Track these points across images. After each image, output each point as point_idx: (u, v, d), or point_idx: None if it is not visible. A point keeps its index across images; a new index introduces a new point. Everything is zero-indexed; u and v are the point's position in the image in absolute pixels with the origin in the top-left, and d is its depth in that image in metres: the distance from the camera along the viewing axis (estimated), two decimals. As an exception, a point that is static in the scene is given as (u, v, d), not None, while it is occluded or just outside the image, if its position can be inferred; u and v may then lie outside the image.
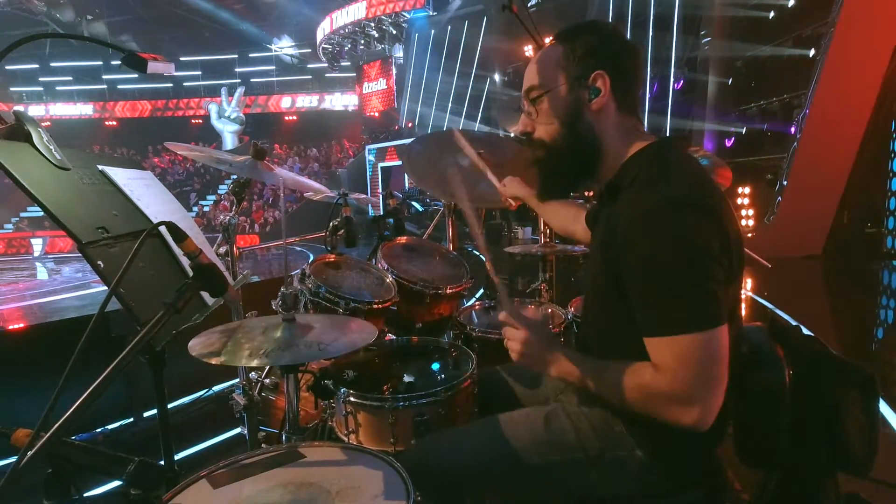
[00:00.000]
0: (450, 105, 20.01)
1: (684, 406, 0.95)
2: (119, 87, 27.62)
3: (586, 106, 1.10)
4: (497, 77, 18.40)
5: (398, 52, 23.39)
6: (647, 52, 12.24)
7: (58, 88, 27.37)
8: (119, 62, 1.38)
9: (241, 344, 1.25)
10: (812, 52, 8.69)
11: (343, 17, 22.20)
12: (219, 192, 22.79)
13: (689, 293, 0.94)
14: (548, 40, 1.20)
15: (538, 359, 1.14)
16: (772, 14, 10.13)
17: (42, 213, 1.20)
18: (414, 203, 13.61)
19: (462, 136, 2.01)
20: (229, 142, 21.46)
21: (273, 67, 28.67)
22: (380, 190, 19.23)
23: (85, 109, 27.12)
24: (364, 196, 2.80)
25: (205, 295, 1.42)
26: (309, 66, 28.20)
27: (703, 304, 0.93)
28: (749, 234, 8.63)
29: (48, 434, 0.73)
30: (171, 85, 27.36)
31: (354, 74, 25.67)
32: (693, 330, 0.93)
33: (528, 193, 1.75)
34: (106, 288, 1.03)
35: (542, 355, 1.13)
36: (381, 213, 2.48)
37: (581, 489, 1.16)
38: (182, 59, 25.52)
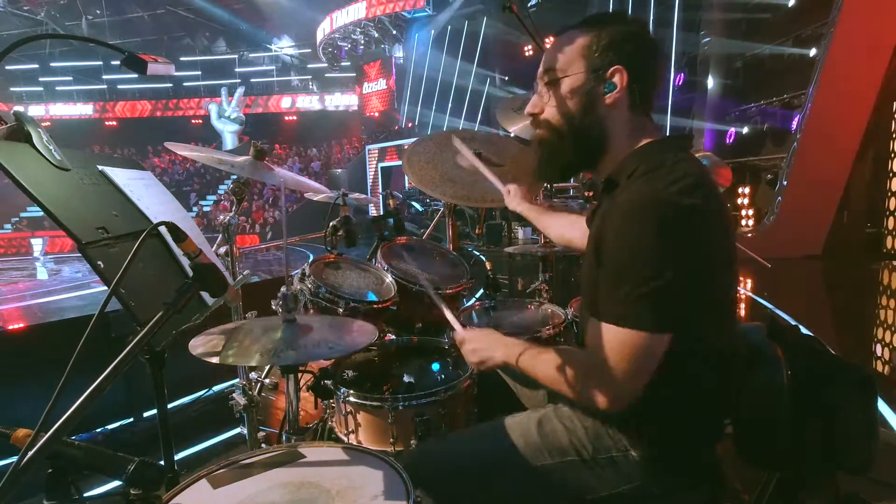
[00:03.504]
0: (450, 105, 20.02)
1: (601, 388, 1.00)
2: (119, 87, 27.59)
3: (599, 99, 1.10)
4: (497, 77, 18.39)
5: (398, 52, 23.38)
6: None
7: (58, 88, 27.35)
8: (119, 63, 1.38)
9: (244, 344, 1.25)
10: (812, 52, 8.70)
11: (343, 17, 22.18)
12: (219, 192, 22.79)
13: (644, 290, 0.95)
14: (548, 41, 1.19)
15: (487, 347, 1.21)
16: (771, 14, 10.14)
17: (42, 213, 1.20)
18: (414, 203, 13.61)
19: (461, 142, 2.01)
20: (229, 142, 21.45)
21: (273, 67, 28.67)
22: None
23: (85, 109, 27.11)
24: (364, 196, 2.80)
25: (205, 295, 1.42)
26: (309, 66, 28.19)
27: (657, 306, 0.95)
28: (749, 234, 8.64)
29: (48, 434, 0.73)
30: (170, 85, 27.36)
31: (354, 74, 25.67)
32: (631, 326, 0.96)
33: (527, 209, 1.76)
34: (106, 288, 1.03)
35: (489, 342, 1.22)
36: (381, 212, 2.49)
37: (578, 491, 1.16)
38: (182, 59, 25.52)
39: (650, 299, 0.94)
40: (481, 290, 2.39)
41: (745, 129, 10.33)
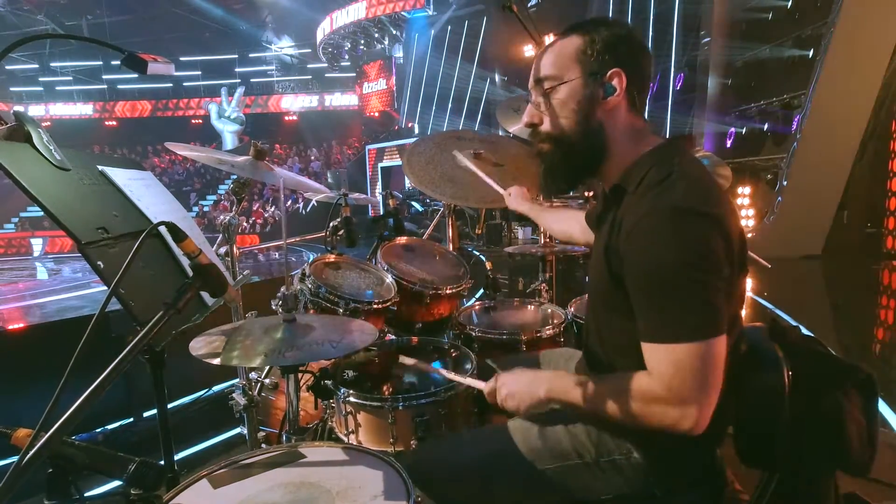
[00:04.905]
0: (450, 105, 20.03)
1: (679, 412, 0.94)
2: (119, 87, 27.58)
3: (599, 103, 1.08)
4: (497, 77, 18.40)
5: (398, 52, 23.40)
6: (647, 51, 12.31)
7: (58, 88, 27.33)
8: (119, 62, 1.38)
9: (245, 344, 1.25)
10: (812, 53, 8.70)
11: (343, 17, 22.19)
12: (219, 192, 22.78)
13: (690, 302, 0.93)
14: (548, 39, 1.19)
15: (525, 390, 1.13)
16: (772, 14, 10.15)
17: (42, 213, 1.20)
18: (414, 203, 13.62)
19: (462, 154, 2.03)
20: (229, 142, 21.42)
21: (273, 67, 28.67)
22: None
23: (85, 109, 27.09)
24: (364, 196, 2.80)
25: (205, 295, 1.42)
26: (309, 66, 28.19)
27: (704, 313, 0.93)
28: (749, 234, 8.63)
29: (48, 434, 0.73)
30: (171, 85, 27.35)
31: (354, 74, 25.68)
32: (692, 339, 0.92)
33: (529, 208, 1.78)
34: (106, 288, 1.03)
35: (526, 383, 1.13)
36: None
37: (580, 494, 1.16)
38: (182, 59, 25.50)
39: (696, 307, 0.93)
40: (481, 290, 2.39)
41: (745, 130, 10.34)
